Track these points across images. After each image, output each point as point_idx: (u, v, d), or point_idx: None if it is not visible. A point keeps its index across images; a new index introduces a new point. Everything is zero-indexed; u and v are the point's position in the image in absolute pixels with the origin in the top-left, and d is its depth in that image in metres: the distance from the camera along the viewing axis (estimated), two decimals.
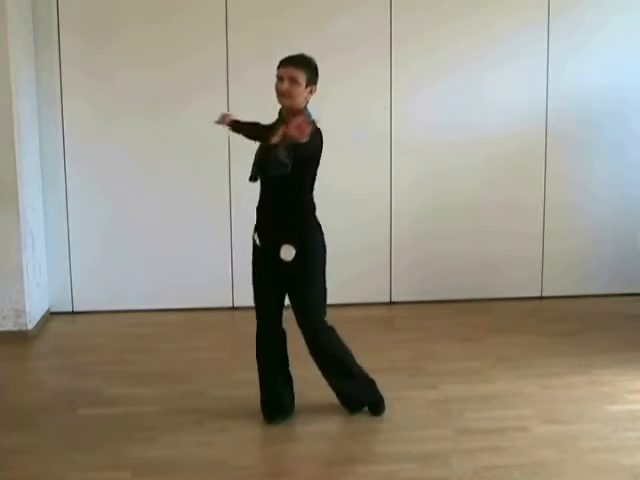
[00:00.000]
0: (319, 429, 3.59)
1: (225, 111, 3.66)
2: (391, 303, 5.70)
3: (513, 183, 5.68)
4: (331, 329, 3.63)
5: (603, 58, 5.62)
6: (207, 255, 5.49)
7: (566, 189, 5.73)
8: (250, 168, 3.47)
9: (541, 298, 5.82)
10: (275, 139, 3.27)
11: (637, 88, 5.67)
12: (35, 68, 5.23)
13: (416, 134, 5.54)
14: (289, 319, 3.65)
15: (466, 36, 5.48)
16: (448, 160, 5.59)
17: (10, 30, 4.71)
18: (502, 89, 5.57)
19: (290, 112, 3.43)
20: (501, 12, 5.50)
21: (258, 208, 3.60)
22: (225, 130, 5.41)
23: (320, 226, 3.57)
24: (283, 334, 3.67)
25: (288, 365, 3.71)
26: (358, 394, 3.72)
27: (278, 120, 3.50)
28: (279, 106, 3.53)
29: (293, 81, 3.38)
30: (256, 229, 3.61)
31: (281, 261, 3.47)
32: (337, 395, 3.73)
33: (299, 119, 3.25)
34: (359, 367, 3.70)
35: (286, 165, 3.26)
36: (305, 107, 3.47)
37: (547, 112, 5.62)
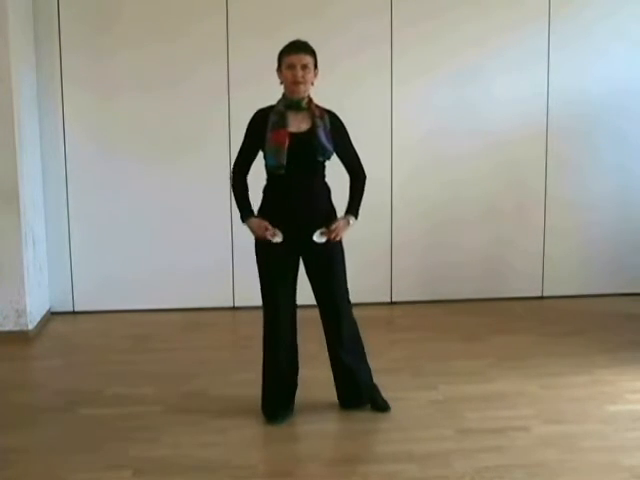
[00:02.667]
0: (320, 429, 3.59)
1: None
2: (392, 303, 5.70)
3: (514, 182, 5.68)
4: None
5: (604, 50, 5.61)
6: (208, 255, 5.49)
7: (567, 185, 5.73)
8: None
9: (542, 298, 5.82)
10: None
11: (638, 81, 5.67)
12: (36, 69, 5.24)
13: (417, 129, 5.56)
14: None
15: (467, 26, 5.49)
16: (447, 164, 5.60)
17: (11, 29, 4.71)
18: (503, 83, 5.57)
19: (308, 98, 3.50)
20: (502, 4, 5.51)
21: (278, 201, 3.54)
22: (225, 130, 5.46)
23: None
24: (296, 329, 3.68)
25: (298, 359, 3.71)
26: (365, 385, 3.73)
27: (287, 109, 3.49)
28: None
29: (305, 67, 3.43)
30: (272, 224, 3.52)
31: (313, 245, 3.50)
32: (343, 384, 3.73)
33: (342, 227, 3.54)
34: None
35: (331, 151, 3.48)
36: None
37: (548, 107, 5.62)
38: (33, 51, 5.20)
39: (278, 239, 3.50)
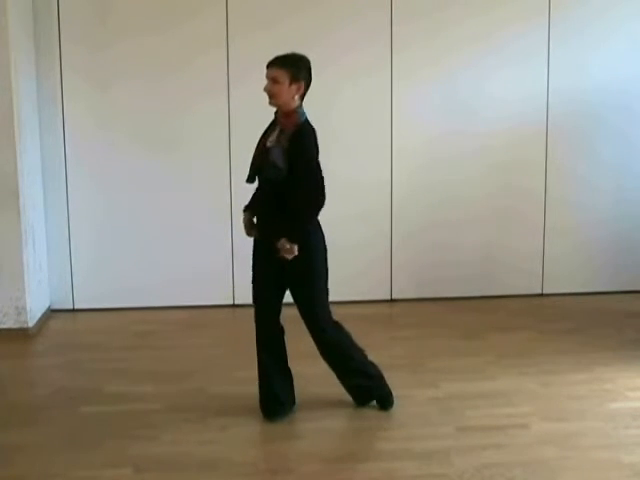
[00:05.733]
0: (320, 426, 3.59)
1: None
2: (392, 300, 5.70)
3: (514, 180, 5.68)
4: (336, 324, 3.65)
5: (604, 49, 5.61)
6: (208, 253, 5.49)
7: (567, 184, 5.73)
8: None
9: (542, 295, 5.82)
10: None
11: (638, 80, 5.66)
12: (36, 67, 5.23)
13: (417, 129, 5.55)
14: (291, 318, 3.66)
15: (467, 22, 5.48)
16: (447, 163, 5.60)
17: (10, 22, 4.69)
18: (503, 81, 5.56)
19: (282, 112, 3.52)
20: (502, 2, 5.51)
21: (257, 207, 3.65)
22: (225, 131, 5.44)
23: (319, 224, 3.58)
24: (281, 331, 3.68)
25: (287, 362, 3.71)
26: (366, 388, 3.74)
27: (274, 121, 3.59)
28: None
29: (275, 81, 3.46)
30: (255, 226, 3.66)
31: (281, 259, 3.49)
32: (345, 388, 3.75)
33: (285, 246, 3.42)
34: (367, 361, 3.73)
35: (281, 169, 3.41)
36: (299, 106, 3.51)
37: (548, 105, 5.61)
38: (32, 43, 5.18)
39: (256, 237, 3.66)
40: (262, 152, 3.52)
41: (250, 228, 3.66)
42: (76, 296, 5.50)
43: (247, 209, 3.70)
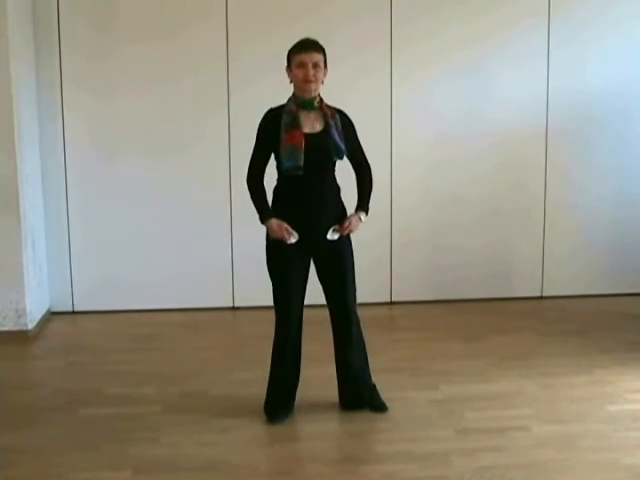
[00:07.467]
0: (320, 429, 3.59)
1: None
2: (391, 303, 5.70)
3: (514, 183, 5.68)
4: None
5: (604, 53, 5.61)
6: (208, 255, 5.48)
7: (567, 187, 5.73)
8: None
9: (542, 298, 5.82)
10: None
11: (638, 83, 5.67)
12: (35, 68, 5.23)
13: (417, 130, 5.55)
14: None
15: (467, 23, 5.48)
16: (446, 165, 5.60)
17: (10, 29, 4.70)
18: (503, 82, 5.56)
19: (314, 98, 3.49)
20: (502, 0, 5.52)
21: (292, 202, 3.52)
22: (225, 128, 5.45)
23: None
24: (302, 329, 3.67)
25: (300, 368, 3.70)
26: (365, 385, 3.73)
27: (299, 108, 3.48)
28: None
29: (316, 65, 3.44)
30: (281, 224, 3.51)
31: (326, 244, 3.52)
32: (348, 386, 3.72)
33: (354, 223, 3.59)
34: None
35: (344, 150, 3.51)
36: None
37: (547, 109, 5.61)
38: (33, 51, 5.19)
39: (294, 240, 3.50)
40: (316, 137, 3.44)
41: (290, 232, 3.48)
42: (76, 298, 5.50)
43: (272, 214, 3.50)
